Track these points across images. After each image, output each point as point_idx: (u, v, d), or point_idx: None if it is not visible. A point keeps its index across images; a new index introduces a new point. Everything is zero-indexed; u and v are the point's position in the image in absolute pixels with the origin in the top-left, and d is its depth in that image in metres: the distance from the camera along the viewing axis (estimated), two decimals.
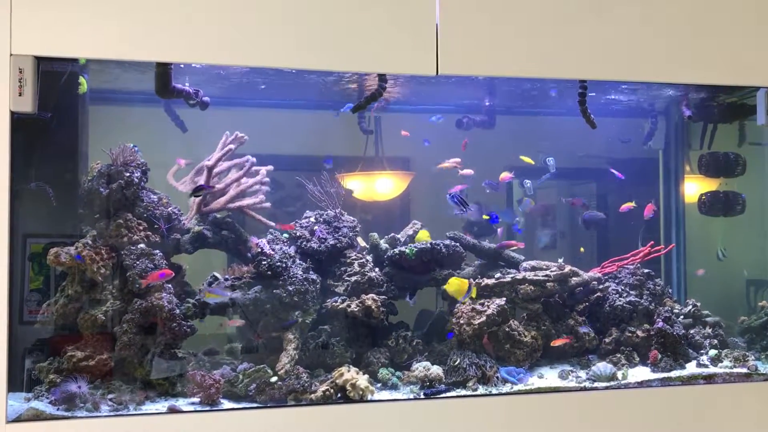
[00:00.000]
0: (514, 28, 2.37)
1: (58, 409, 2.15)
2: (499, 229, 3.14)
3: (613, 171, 3.22)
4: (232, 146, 2.73)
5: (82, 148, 2.54)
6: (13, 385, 2.12)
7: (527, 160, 3.19)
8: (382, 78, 2.52)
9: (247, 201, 2.75)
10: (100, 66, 2.47)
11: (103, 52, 2.10)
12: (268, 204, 2.78)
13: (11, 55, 2.01)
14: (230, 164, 2.77)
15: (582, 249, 3.36)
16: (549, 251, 3.53)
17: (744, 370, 2.68)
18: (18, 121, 2.04)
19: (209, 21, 2.15)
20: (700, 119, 3.33)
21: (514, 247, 2.98)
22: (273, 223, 2.79)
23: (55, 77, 2.27)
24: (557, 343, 2.70)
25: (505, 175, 3.14)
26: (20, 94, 2.02)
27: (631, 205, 3.21)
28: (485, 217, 2.96)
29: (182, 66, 2.43)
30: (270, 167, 2.82)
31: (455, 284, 2.62)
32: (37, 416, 2.11)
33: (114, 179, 2.49)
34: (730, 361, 2.77)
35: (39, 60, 2.07)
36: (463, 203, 2.86)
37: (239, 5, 2.17)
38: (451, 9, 2.30)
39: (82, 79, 2.47)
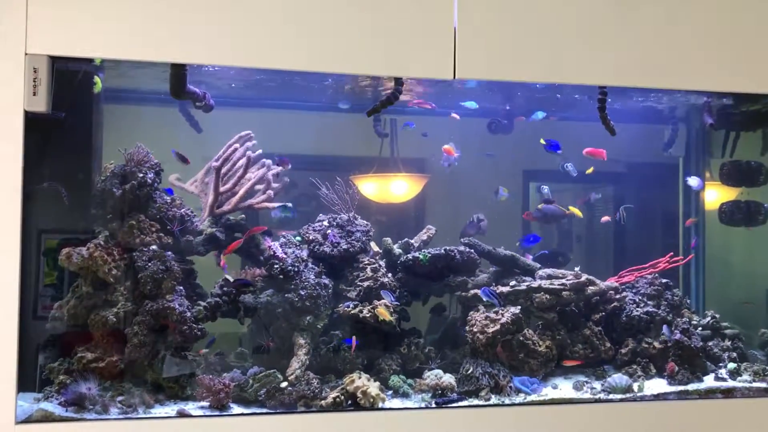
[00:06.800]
0: (533, 32, 2.32)
1: (67, 411, 2.14)
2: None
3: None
4: (237, 145, 2.70)
5: (96, 148, 2.52)
6: (22, 384, 2.10)
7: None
8: (398, 82, 2.48)
9: (258, 199, 2.71)
10: (115, 65, 2.45)
11: (119, 52, 2.08)
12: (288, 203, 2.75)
13: (26, 54, 2.00)
14: (243, 163, 2.74)
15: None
16: None
17: (764, 385, 2.63)
18: (32, 120, 2.03)
19: (226, 22, 2.13)
20: (723, 127, 3.26)
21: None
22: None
23: (69, 76, 2.25)
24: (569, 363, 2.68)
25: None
26: (34, 94, 2.01)
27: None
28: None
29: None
30: (287, 165, 2.80)
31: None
32: (47, 417, 2.10)
33: (127, 180, 2.48)
34: (750, 375, 2.71)
35: (54, 59, 2.05)
36: None
37: (257, 7, 2.14)
38: (469, 12, 2.26)
39: (96, 79, 2.46)
